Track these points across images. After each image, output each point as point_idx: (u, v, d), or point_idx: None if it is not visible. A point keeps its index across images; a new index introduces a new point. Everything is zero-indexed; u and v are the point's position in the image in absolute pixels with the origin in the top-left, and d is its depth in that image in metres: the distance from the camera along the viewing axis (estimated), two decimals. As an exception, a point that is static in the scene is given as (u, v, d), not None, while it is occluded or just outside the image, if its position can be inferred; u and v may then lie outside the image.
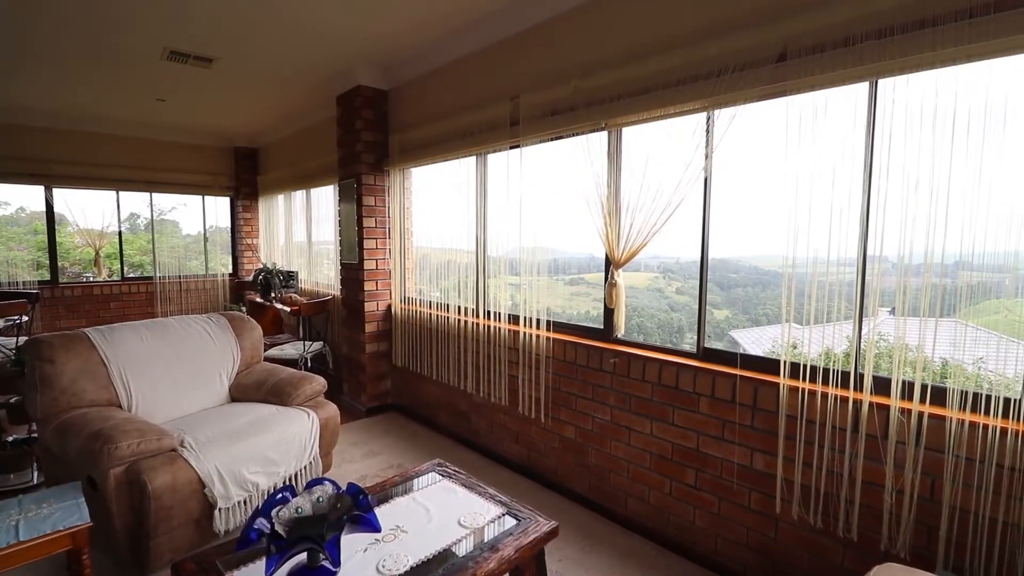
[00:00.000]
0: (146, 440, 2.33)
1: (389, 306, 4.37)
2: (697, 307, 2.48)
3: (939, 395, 1.76)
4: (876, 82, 1.86)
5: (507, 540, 1.74)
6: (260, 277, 5.60)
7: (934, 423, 1.75)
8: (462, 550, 1.70)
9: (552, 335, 3.03)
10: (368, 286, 4.25)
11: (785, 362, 2.06)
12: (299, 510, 1.52)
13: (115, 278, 6.47)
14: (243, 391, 3.17)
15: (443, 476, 2.19)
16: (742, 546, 2.27)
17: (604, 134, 2.68)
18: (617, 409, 2.72)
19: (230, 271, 7.24)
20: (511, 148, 3.16)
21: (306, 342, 4.84)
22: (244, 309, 6.20)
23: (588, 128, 2.69)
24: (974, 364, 1.77)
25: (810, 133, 1.98)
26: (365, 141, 4.14)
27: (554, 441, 3.09)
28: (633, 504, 2.69)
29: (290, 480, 2.79)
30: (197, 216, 7.06)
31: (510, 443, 3.40)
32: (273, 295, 5.52)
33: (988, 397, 1.66)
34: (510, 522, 1.85)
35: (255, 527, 1.45)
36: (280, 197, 6.44)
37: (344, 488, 1.64)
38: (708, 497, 2.38)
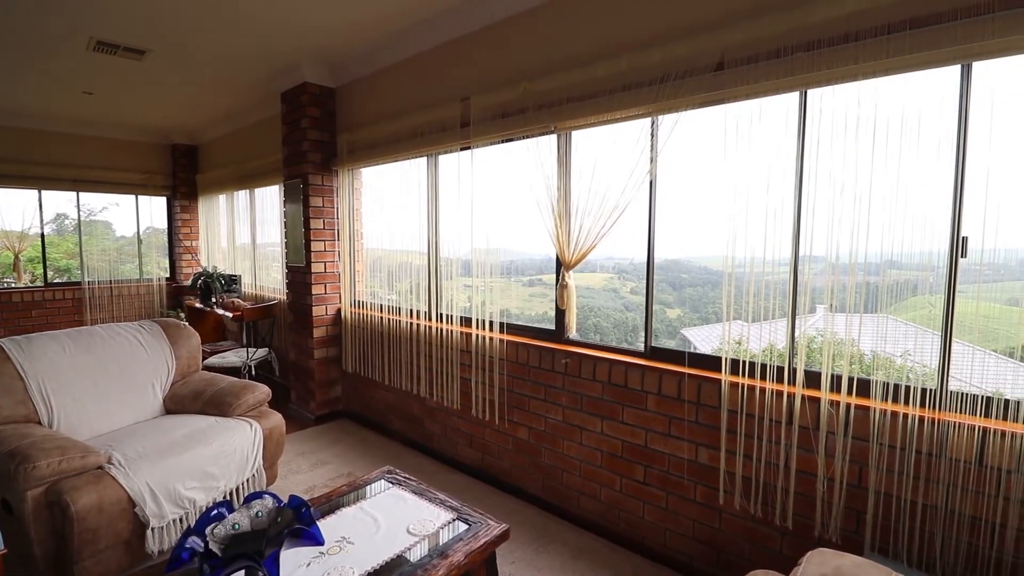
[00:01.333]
0: (68, 458, 2.16)
1: (339, 310, 4.26)
2: (644, 307, 2.54)
3: (864, 387, 1.87)
4: (805, 92, 1.96)
5: (457, 546, 1.72)
6: (200, 281, 5.33)
7: (860, 413, 1.86)
8: (411, 558, 1.66)
9: (505, 337, 3.03)
10: (316, 290, 4.12)
11: (726, 359, 2.14)
12: (236, 526, 1.45)
13: (38, 284, 5.99)
14: (179, 403, 3.00)
15: (393, 483, 2.14)
16: (688, 538, 2.34)
17: (554, 137, 2.71)
18: (569, 409, 2.75)
19: (168, 275, 6.85)
20: (462, 149, 3.14)
21: (250, 349, 4.64)
22: (183, 315, 5.89)
23: (538, 131, 2.71)
24: (902, 356, 1.90)
25: (746, 139, 2.07)
26: (312, 140, 4.02)
27: (508, 443, 3.09)
28: (586, 502, 2.72)
29: (232, 495, 2.67)
30: (132, 217, 6.64)
31: (464, 447, 3.37)
32: (214, 300, 5.27)
33: (908, 388, 1.78)
34: (461, 527, 1.83)
35: (187, 546, 1.38)
36: (222, 197, 6.15)
37: (286, 501, 1.58)
38: (656, 492, 2.44)
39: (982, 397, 1.67)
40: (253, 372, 4.52)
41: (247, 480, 2.75)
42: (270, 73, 4.09)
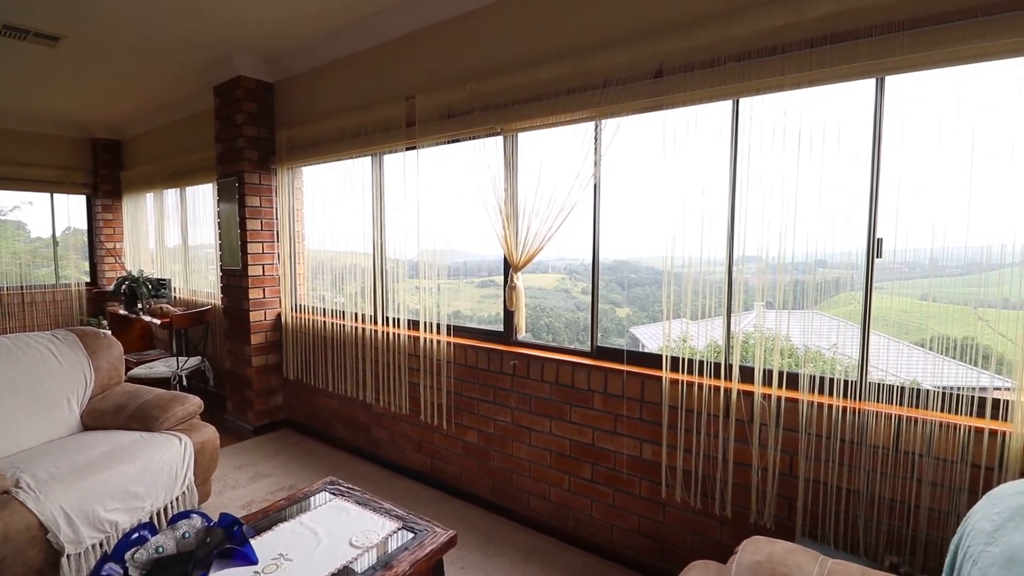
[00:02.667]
0: (-36, 484, 1.95)
1: (279, 315, 4.07)
2: (590, 307, 2.57)
3: (793, 380, 1.98)
4: (738, 101, 2.05)
5: (402, 555, 1.68)
6: (124, 286, 4.96)
7: (790, 406, 1.96)
8: (354, 571, 1.60)
9: (453, 340, 3.00)
10: (254, 294, 3.93)
11: (666, 357, 2.21)
12: (160, 549, 1.35)
13: (-69, 290, 5.40)
14: (99, 418, 2.78)
15: (335, 495, 2.06)
16: (634, 533, 2.39)
17: (500, 139, 2.70)
18: (518, 410, 2.75)
19: (88, 280, 6.34)
20: (408, 149, 3.09)
21: (181, 358, 4.36)
22: (105, 323, 5.46)
23: (484, 132, 2.70)
24: (830, 350, 2.02)
25: (684, 145, 2.15)
26: (248, 136, 3.83)
27: (457, 447, 3.06)
28: (535, 503, 2.73)
29: (159, 515, 2.49)
30: (47, 217, 6.09)
31: (412, 452, 3.31)
32: (140, 306, 4.92)
33: (832, 380, 1.89)
34: (406, 536, 1.79)
35: (103, 574, 1.27)
36: (149, 196, 5.76)
37: (216, 519, 1.48)
38: (604, 489, 2.48)
39: (897, 387, 1.80)
40: (184, 383, 4.25)
41: (177, 499, 2.58)
42: (202, 65, 3.87)
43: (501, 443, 2.84)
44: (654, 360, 2.32)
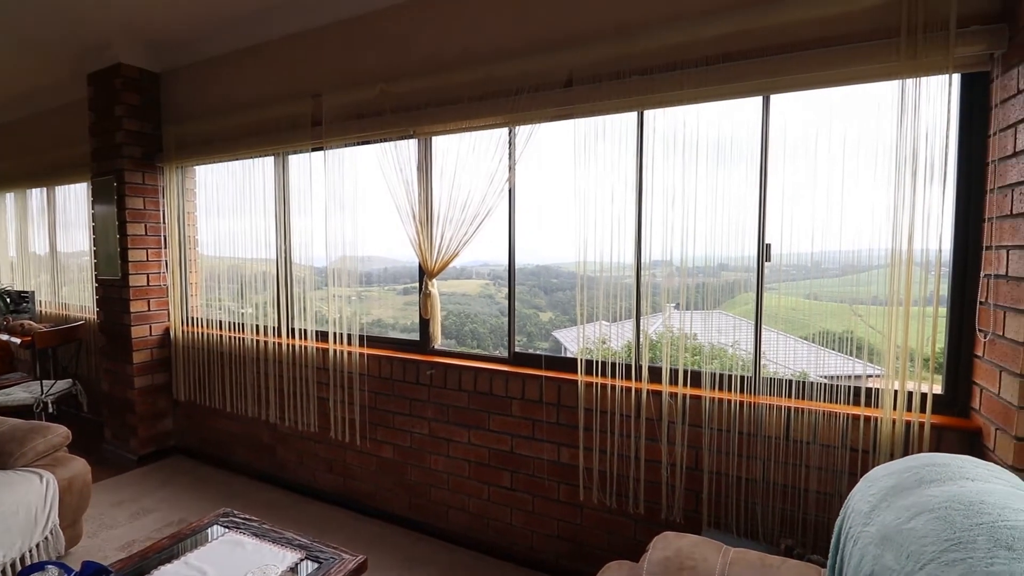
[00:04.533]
0: None
1: (167, 329, 3.68)
2: (509, 313, 2.56)
3: (697, 378, 2.08)
4: (642, 113, 2.14)
5: (306, 586, 1.54)
6: (-27, 301, 4.26)
7: (694, 403, 2.06)
8: (249, 610, 1.45)
9: (367, 351, 2.86)
10: (136, 306, 3.52)
11: (581, 360, 2.24)
12: (-3, 611, 1.13)
13: None
14: (-70, 456, 2.33)
15: (229, 527, 1.87)
16: (554, 538, 2.39)
17: (414, 142, 2.63)
18: (435, 422, 2.67)
19: (-76, 294, 5.36)
20: (314, 150, 2.92)
21: (46, 382, 3.80)
22: (-53, 344, 4.65)
23: (397, 135, 2.62)
24: (732, 347, 2.14)
25: (593, 153, 2.20)
26: (129, 131, 3.44)
27: (371, 464, 2.91)
28: (454, 516, 2.66)
29: (13, 566, 2.13)
30: None
31: (323, 473, 3.10)
32: (-5, 324, 4.24)
33: (730, 377, 2.01)
34: (310, 567, 1.65)
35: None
36: (9, 196, 5.01)
37: (79, 568, 1.28)
38: (523, 496, 2.46)
39: (787, 381, 1.95)
40: (51, 409, 3.70)
41: (37, 546, 2.23)
42: (75, 50, 3.43)
43: (418, 456, 2.74)
44: (570, 364, 2.35)
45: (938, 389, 1.80)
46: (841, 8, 1.75)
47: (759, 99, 1.96)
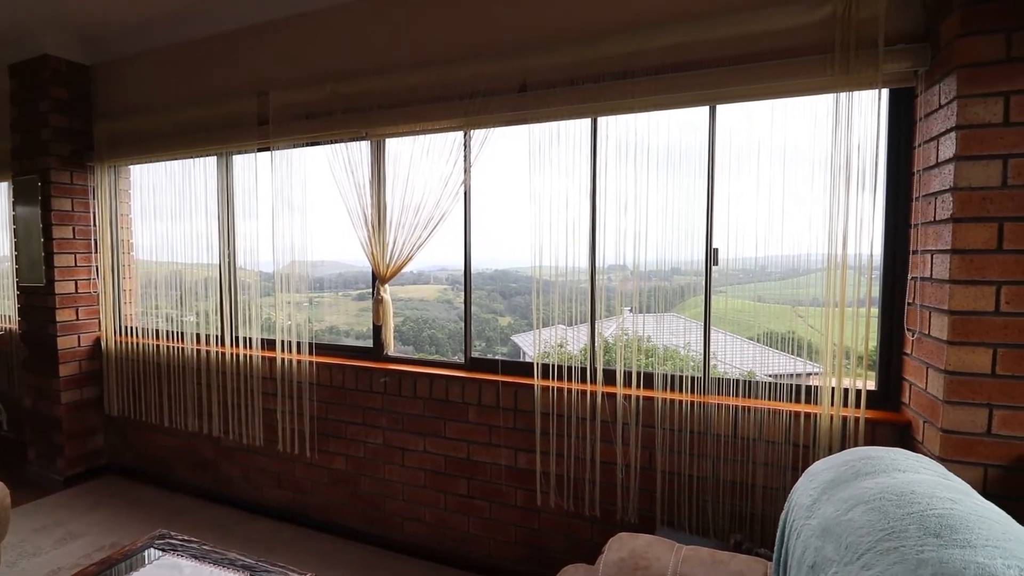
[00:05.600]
0: None
1: (98, 339, 3.43)
2: (465, 318, 2.54)
3: (649, 380, 2.12)
4: (596, 119, 2.17)
5: (249, 609, 1.46)
6: None
7: (647, 403, 2.09)
8: (185, 638, 1.35)
9: (316, 359, 2.76)
10: (63, 315, 3.26)
11: (537, 364, 2.24)
12: None
13: None
14: None
15: (166, 550, 1.75)
16: (512, 544, 2.38)
17: (366, 144, 2.57)
18: (390, 430, 2.61)
19: None
20: (260, 150, 2.81)
21: (-42, 398, 3.47)
22: None
23: (348, 136, 2.55)
24: (684, 348, 2.19)
25: (549, 158, 2.22)
26: (55, 127, 3.20)
27: (322, 476, 2.80)
28: (410, 527, 2.60)
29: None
30: None
31: (271, 488, 2.96)
32: None
33: (681, 377, 2.06)
34: (254, 585, 1.56)
35: None
36: (-88, 197, 4.55)
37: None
38: (480, 503, 2.43)
39: (734, 380, 2.01)
40: (-38, 429, 3.38)
41: (-60, 580, 2.01)
42: (-9, 38, 3.17)
43: (372, 467, 2.66)
44: (526, 368, 2.34)
45: (872, 385, 1.91)
46: (781, 24, 1.83)
47: (706, 109, 2.03)
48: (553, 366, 2.24)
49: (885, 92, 1.77)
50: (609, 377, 2.16)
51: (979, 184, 1.47)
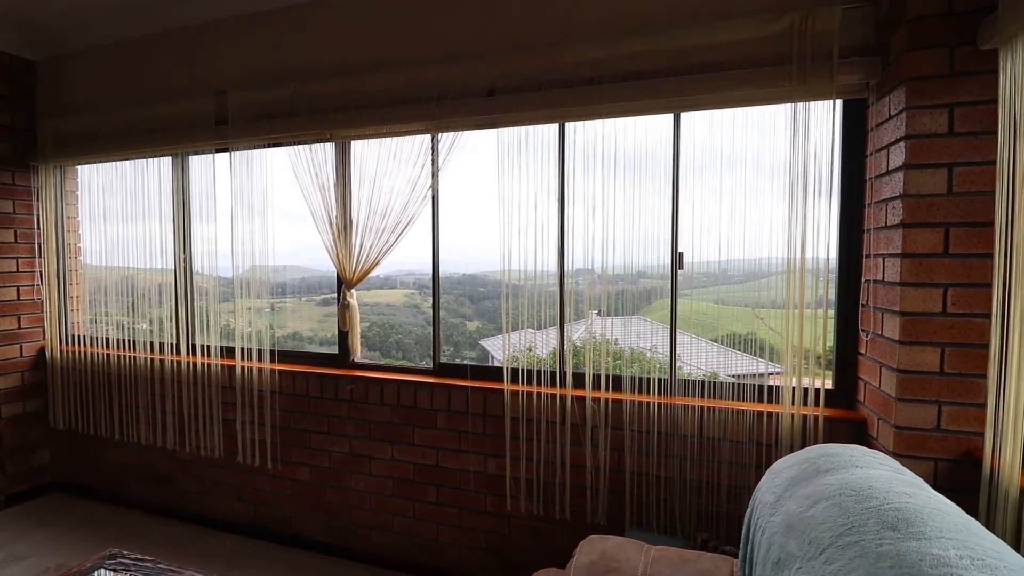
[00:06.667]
0: None
1: (42, 349, 3.24)
2: (433, 323, 2.50)
3: (618, 382, 2.14)
4: (563, 124, 2.19)
5: (206, 630, 1.39)
6: None
7: (616, 406, 2.11)
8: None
9: (279, 367, 2.67)
10: (4, 324, 3.06)
11: (507, 369, 2.23)
12: None
13: None
14: None
15: (117, 570, 1.65)
16: (481, 550, 2.35)
17: (331, 146, 2.51)
18: (356, 439, 2.55)
19: None
20: (218, 151, 2.71)
21: None
22: None
23: (312, 137, 2.49)
24: (650, 350, 2.22)
25: (517, 163, 2.22)
26: (-6, 125, 3.02)
27: (286, 488, 2.71)
28: (378, 536, 2.54)
29: None
30: None
31: (230, 501, 2.85)
32: None
33: (649, 380, 2.09)
34: (212, 605, 1.49)
35: None
36: None
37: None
38: (450, 511, 2.40)
39: (699, 382, 2.05)
40: None
41: None
42: (-82, 28, 2.96)
43: (337, 477, 2.60)
44: (496, 373, 2.33)
45: (830, 385, 1.98)
46: (741, 35, 1.88)
47: (671, 116, 2.07)
48: (523, 370, 2.23)
49: (839, 103, 1.85)
50: (578, 380, 2.17)
51: (927, 191, 1.54)
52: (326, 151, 2.51)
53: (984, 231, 1.49)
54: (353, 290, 2.55)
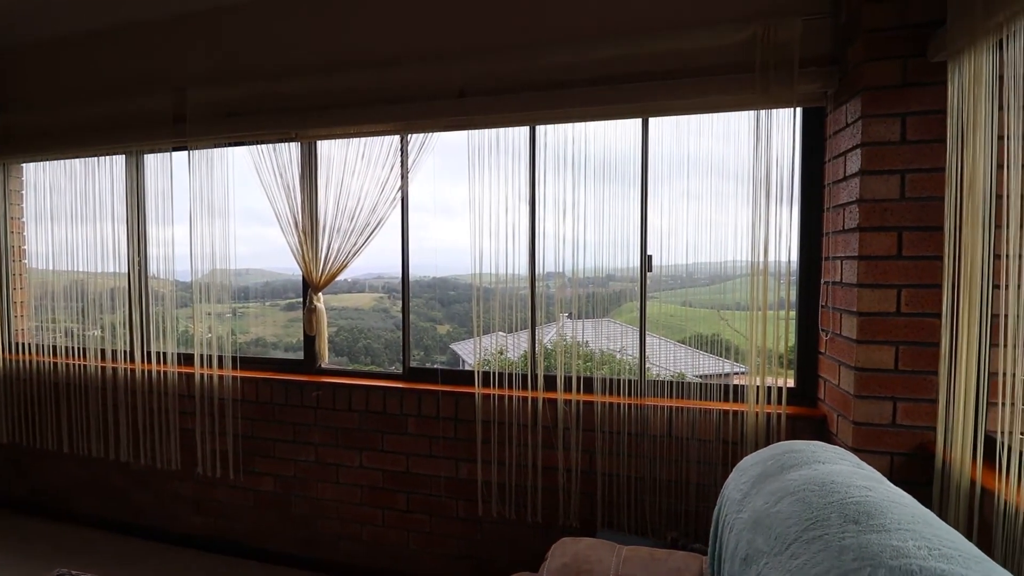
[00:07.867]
0: None
1: (-18, 358, 3.05)
2: (403, 327, 2.47)
3: (589, 384, 2.15)
4: (534, 127, 2.19)
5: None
6: None
7: (587, 407, 2.12)
8: None
9: (240, 373, 2.58)
10: (-62, 332, 2.87)
11: (478, 372, 2.22)
12: None
13: None
14: None
15: (62, 590, 1.56)
16: (452, 557, 2.32)
17: (296, 145, 2.45)
18: (323, 446, 2.48)
19: None
20: (176, 149, 2.61)
21: None
22: None
23: (276, 137, 2.42)
24: (620, 352, 2.24)
25: (489, 165, 2.21)
26: (-72, 119, 2.83)
27: (248, 499, 2.62)
28: (347, 546, 2.47)
29: None
30: None
31: (189, 515, 2.73)
32: None
33: (619, 381, 2.11)
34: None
35: None
36: None
37: None
38: (420, 518, 2.36)
39: (668, 382, 2.08)
40: None
41: None
42: None
43: (303, 486, 2.52)
44: (467, 377, 2.31)
45: (792, 383, 2.03)
46: (707, 43, 1.93)
47: (639, 121, 2.10)
48: (494, 373, 2.22)
49: (799, 110, 1.91)
50: (550, 383, 2.17)
51: (881, 196, 1.61)
52: (291, 151, 2.44)
53: (934, 234, 1.56)
54: (320, 294, 2.49)
